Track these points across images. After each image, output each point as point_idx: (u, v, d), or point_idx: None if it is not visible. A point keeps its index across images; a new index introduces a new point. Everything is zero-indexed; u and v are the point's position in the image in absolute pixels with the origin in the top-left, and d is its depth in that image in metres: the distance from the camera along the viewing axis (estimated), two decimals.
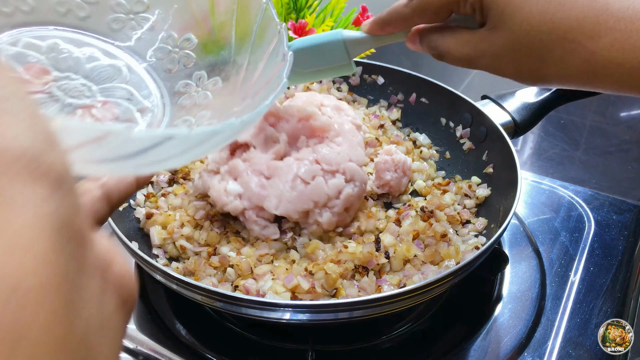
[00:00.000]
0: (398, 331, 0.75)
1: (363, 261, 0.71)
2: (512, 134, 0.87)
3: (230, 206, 0.74)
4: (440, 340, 0.74)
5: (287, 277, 0.68)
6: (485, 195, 0.83)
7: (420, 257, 0.72)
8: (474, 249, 0.72)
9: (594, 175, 1.43)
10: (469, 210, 0.83)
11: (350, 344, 0.74)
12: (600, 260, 0.85)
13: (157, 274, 0.65)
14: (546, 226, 0.92)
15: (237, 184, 0.74)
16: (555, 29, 0.43)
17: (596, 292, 0.80)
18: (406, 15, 0.54)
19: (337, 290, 0.68)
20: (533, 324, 0.75)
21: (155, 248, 0.77)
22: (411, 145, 0.96)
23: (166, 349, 0.71)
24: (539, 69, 0.46)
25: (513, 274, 0.83)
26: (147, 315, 0.76)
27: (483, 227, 0.79)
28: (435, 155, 0.95)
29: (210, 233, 0.77)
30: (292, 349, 0.72)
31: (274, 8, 0.58)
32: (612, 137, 1.62)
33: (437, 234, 0.74)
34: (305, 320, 0.62)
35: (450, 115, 0.95)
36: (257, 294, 0.67)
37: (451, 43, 0.52)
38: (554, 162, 1.49)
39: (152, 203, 0.84)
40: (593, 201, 0.97)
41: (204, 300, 0.63)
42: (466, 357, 0.72)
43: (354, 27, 1.23)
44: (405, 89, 1.01)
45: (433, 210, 0.80)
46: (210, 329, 0.75)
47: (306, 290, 0.66)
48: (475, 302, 0.80)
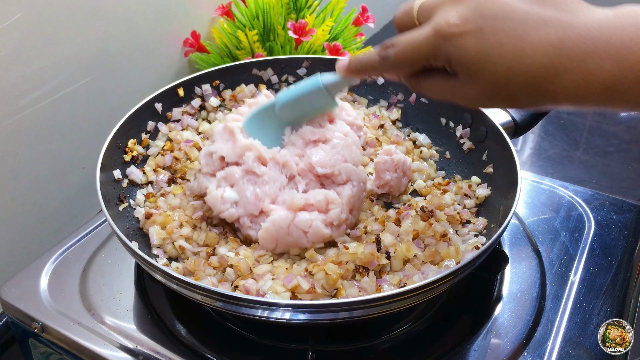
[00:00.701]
0: (398, 331, 0.75)
1: (364, 261, 0.70)
2: (512, 134, 0.87)
3: (226, 214, 0.75)
4: (440, 340, 0.74)
5: (287, 277, 0.68)
6: (485, 195, 0.83)
7: (420, 256, 0.72)
8: (474, 249, 0.72)
9: (594, 175, 1.43)
10: (469, 210, 0.83)
11: (350, 344, 0.74)
12: (600, 260, 0.85)
13: (157, 274, 0.65)
14: (546, 226, 0.92)
15: (233, 192, 0.75)
16: (522, 78, 0.48)
17: (596, 292, 0.80)
18: (380, 70, 0.58)
19: (337, 290, 0.68)
20: (533, 324, 0.75)
21: (154, 248, 0.77)
22: (411, 145, 0.96)
23: (166, 348, 0.71)
24: (513, 105, 0.53)
25: (513, 274, 0.83)
26: (147, 315, 0.76)
27: (483, 227, 0.79)
28: (435, 155, 0.95)
29: (209, 233, 0.77)
30: (292, 349, 0.72)
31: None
32: (612, 137, 1.62)
33: (437, 234, 0.74)
34: (305, 320, 0.62)
35: (450, 115, 0.95)
36: (257, 294, 0.67)
37: (429, 87, 0.56)
38: (554, 162, 1.49)
39: (151, 203, 0.84)
40: (593, 201, 0.97)
41: (204, 300, 0.63)
42: (466, 357, 0.72)
43: (354, 27, 1.23)
44: (405, 89, 1.00)
45: (433, 210, 0.80)
46: (210, 329, 0.75)
47: (306, 290, 0.66)
48: (475, 302, 0.80)
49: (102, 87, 1.00)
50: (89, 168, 0.98)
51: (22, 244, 0.95)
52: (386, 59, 0.56)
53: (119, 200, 0.82)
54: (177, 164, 0.90)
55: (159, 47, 1.11)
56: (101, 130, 0.86)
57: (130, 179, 0.85)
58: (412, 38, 0.53)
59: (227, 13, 1.19)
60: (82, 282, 0.80)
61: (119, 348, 0.71)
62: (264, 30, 1.17)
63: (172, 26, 1.13)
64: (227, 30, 1.19)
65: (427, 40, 0.51)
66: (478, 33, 0.49)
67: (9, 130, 0.86)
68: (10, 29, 0.81)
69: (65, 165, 0.98)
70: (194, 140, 0.93)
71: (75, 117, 0.97)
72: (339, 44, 1.13)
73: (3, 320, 0.87)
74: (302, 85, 0.74)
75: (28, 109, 0.88)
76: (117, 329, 0.73)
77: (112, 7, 0.97)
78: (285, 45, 1.18)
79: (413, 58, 0.54)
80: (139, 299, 0.78)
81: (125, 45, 1.02)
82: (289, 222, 0.73)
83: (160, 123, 0.94)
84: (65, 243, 0.86)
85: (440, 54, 0.51)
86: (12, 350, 0.89)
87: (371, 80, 1.03)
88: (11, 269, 0.83)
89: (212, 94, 1.00)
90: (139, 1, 1.02)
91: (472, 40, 0.49)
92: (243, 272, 0.71)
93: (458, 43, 0.49)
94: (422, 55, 0.53)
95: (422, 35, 0.52)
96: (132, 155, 0.87)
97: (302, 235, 0.74)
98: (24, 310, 0.75)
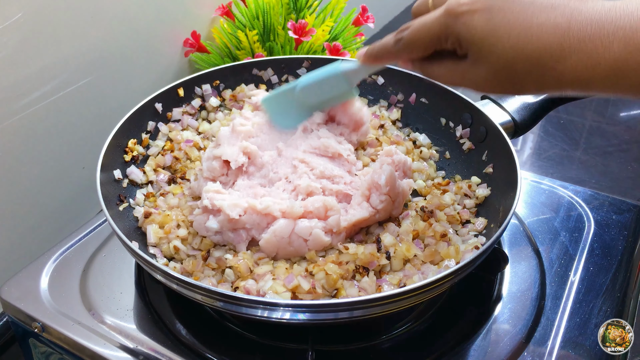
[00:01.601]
0: (398, 331, 0.75)
1: (364, 262, 0.71)
2: (511, 134, 0.87)
3: (208, 240, 0.77)
4: (440, 340, 0.74)
5: (287, 277, 0.68)
6: (485, 195, 0.83)
7: (420, 256, 0.72)
8: (474, 249, 0.72)
9: (594, 175, 1.43)
10: (468, 210, 0.83)
11: (350, 344, 0.74)
12: (600, 260, 0.85)
13: (158, 273, 0.65)
14: (546, 226, 0.92)
15: (215, 222, 0.74)
16: (529, 58, 0.49)
17: (596, 292, 0.80)
18: (395, 53, 0.60)
19: (337, 290, 0.68)
20: (533, 324, 0.75)
21: (151, 247, 0.77)
22: (411, 145, 0.96)
23: (166, 348, 0.71)
24: (519, 89, 0.53)
25: (513, 273, 0.83)
26: (147, 315, 0.76)
27: (483, 226, 0.79)
28: (435, 155, 0.95)
29: (205, 240, 0.77)
30: (292, 348, 0.72)
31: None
32: (612, 137, 1.63)
33: (436, 234, 0.74)
34: (305, 320, 0.62)
35: (450, 115, 0.95)
36: (258, 294, 0.67)
37: (440, 71, 0.58)
38: (554, 162, 1.49)
39: (151, 202, 0.84)
40: (593, 201, 0.97)
41: (204, 300, 0.63)
42: (466, 357, 0.72)
43: (354, 27, 1.23)
44: (405, 89, 1.01)
45: (433, 210, 0.80)
46: (210, 329, 0.75)
47: (307, 290, 0.66)
48: (475, 302, 0.80)
49: (102, 87, 1.00)
50: (89, 168, 0.98)
51: (22, 244, 0.95)
52: (400, 41, 0.58)
53: (119, 200, 0.82)
54: (177, 164, 0.90)
55: (159, 47, 1.11)
56: (101, 130, 0.86)
57: (130, 179, 0.86)
58: (425, 19, 0.55)
59: (227, 13, 1.19)
60: (83, 282, 0.80)
61: (119, 348, 0.72)
62: (264, 30, 1.17)
63: (172, 26, 1.13)
64: (227, 31, 1.19)
65: (439, 20, 0.53)
66: (487, 12, 0.50)
67: (9, 130, 0.86)
68: (10, 29, 0.81)
69: (65, 165, 0.98)
70: (194, 140, 0.93)
71: (75, 117, 0.97)
72: (339, 44, 1.13)
73: (3, 320, 0.87)
74: (323, 70, 0.75)
75: (28, 109, 0.88)
76: (118, 329, 0.73)
77: (112, 7, 0.97)
78: (285, 45, 1.18)
79: (425, 39, 0.56)
80: (139, 299, 0.78)
81: (125, 45, 1.02)
82: (289, 232, 0.73)
83: (160, 123, 0.94)
84: (66, 243, 0.86)
85: (450, 33, 0.53)
86: (12, 350, 0.89)
87: (371, 80, 1.03)
88: (11, 269, 0.83)
89: (212, 94, 1.00)
90: (139, 1, 1.02)
91: (482, 19, 0.50)
92: (243, 274, 0.70)
93: (467, 21, 0.51)
94: (433, 34, 0.54)
95: (434, 16, 0.54)
96: (132, 155, 0.87)
97: (303, 244, 0.74)
98: (24, 310, 0.75)
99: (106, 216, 0.71)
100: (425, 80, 0.97)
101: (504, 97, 0.90)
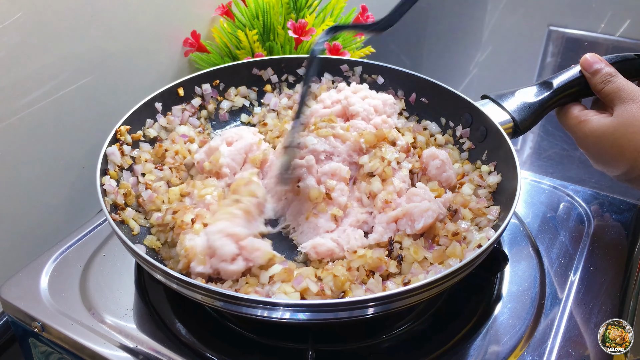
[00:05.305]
0: (398, 331, 0.75)
1: (372, 266, 0.71)
2: (512, 134, 0.87)
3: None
4: (440, 340, 0.74)
5: (296, 278, 0.67)
6: (497, 182, 0.82)
7: (429, 258, 0.72)
8: (476, 248, 0.72)
9: (594, 174, 1.42)
10: (485, 199, 0.82)
11: (350, 344, 0.74)
12: (600, 260, 0.85)
13: (158, 273, 0.65)
14: (546, 226, 0.92)
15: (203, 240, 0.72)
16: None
17: (596, 291, 0.80)
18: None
19: (344, 292, 0.68)
20: (533, 323, 0.75)
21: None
22: (428, 134, 0.95)
23: (166, 348, 0.71)
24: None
25: (513, 273, 0.83)
26: (147, 314, 0.76)
27: (497, 214, 0.77)
28: (451, 139, 0.94)
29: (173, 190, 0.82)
30: (292, 348, 0.72)
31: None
32: None
33: (449, 233, 0.74)
34: (305, 320, 0.62)
35: (450, 115, 0.95)
36: (266, 295, 0.67)
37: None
38: (554, 162, 1.49)
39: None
40: (593, 201, 0.97)
41: (204, 299, 0.63)
42: (466, 356, 0.72)
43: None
44: (405, 88, 1.01)
45: (458, 209, 0.78)
46: (210, 328, 0.75)
47: (315, 292, 0.66)
48: (475, 301, 0.80)
49: (102, 86, 1.00)
50: (89, 168, 0.98)
51: (22, 244, 0.95)
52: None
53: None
54: (172, 156, 0.88)
55: (159, 46, 1.11)
56: (101, 130, 0.86)
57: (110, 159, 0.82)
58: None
59: (227, 13, 1.19)
60: (82, 281, 0.80)
61: (119, 347, 0.72)
62: (264, 30, 1.17)
63: (172, 26, 1.13)
64: (227, 30, 1.19)
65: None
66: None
67: (9, 130, 0.86)
68: (11, 29, 0.81)
69: (65, 165, 0.98)
70: (189, 135, 0.93)
71: (75, 117, 0.97)
72: (339, 43, 1.13)
73: (3, 320, 0.87)
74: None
75: (28, 108, 0.88)
76: (117, 329, 0.73)
77: (112, 7, 0.97)
78: (285, 45, 1.18)
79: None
80: (139, 299, 0.78)
81: (125, 45, 1.02)
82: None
83: (159, 115, 0.93)
84: (66, 243, 0.86)
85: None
86: (12, 350, 0.89)
87: (371, 79, 1.03)
88: (11, 268, 0.83)
89: (212, 93, 1.00)
90: (139, 1, 1.02)
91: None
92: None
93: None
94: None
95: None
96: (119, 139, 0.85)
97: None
98: (24, 309, 0.75)
99: (106, 216, 0.71)
100: (426, 80, 0.97)
101: (504, 97, 0.90)
